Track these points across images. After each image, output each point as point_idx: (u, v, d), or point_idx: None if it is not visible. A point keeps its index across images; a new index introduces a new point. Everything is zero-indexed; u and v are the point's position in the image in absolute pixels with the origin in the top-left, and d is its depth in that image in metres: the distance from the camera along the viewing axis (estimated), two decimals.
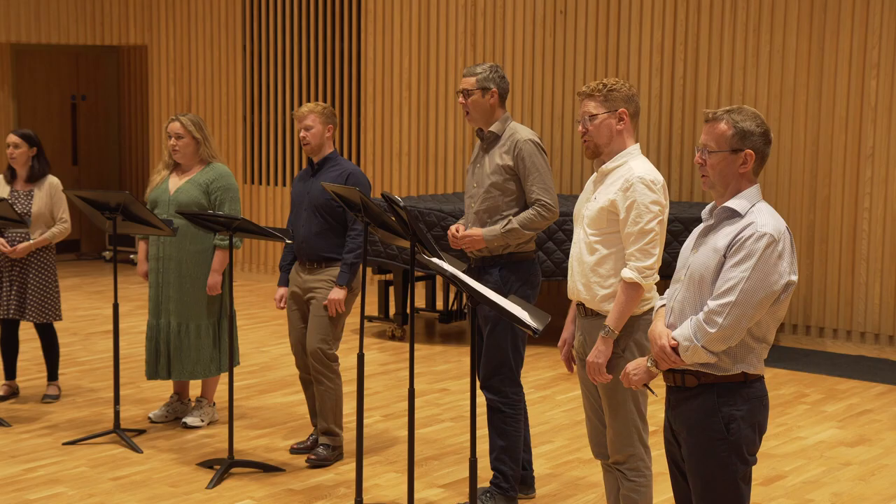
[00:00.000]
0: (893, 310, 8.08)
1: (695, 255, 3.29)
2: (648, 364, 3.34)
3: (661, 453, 5.63)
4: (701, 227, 3.35)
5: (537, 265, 4.93)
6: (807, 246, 8.36)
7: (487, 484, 4.97)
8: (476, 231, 4.78)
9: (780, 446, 5.91)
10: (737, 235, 3.16)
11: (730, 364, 3.21)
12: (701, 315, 3.17)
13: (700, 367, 3.22)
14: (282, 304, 5.67)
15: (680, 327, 3.23)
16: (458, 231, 4.84)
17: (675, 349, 3.22)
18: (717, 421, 3.21)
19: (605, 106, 3.98)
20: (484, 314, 4.81)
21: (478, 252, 4.84)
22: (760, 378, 3.27)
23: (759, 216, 3.18)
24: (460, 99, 4.86)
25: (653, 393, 3.60)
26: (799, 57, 8.31)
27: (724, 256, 3.17)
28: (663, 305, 3.39)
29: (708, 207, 3.34)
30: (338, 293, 5.41)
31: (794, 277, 3.19)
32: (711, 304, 3.15)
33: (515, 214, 4.77)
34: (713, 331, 3.14)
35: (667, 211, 3.94)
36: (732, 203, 3.23)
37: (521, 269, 4.84)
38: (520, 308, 3.39)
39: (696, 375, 3.25)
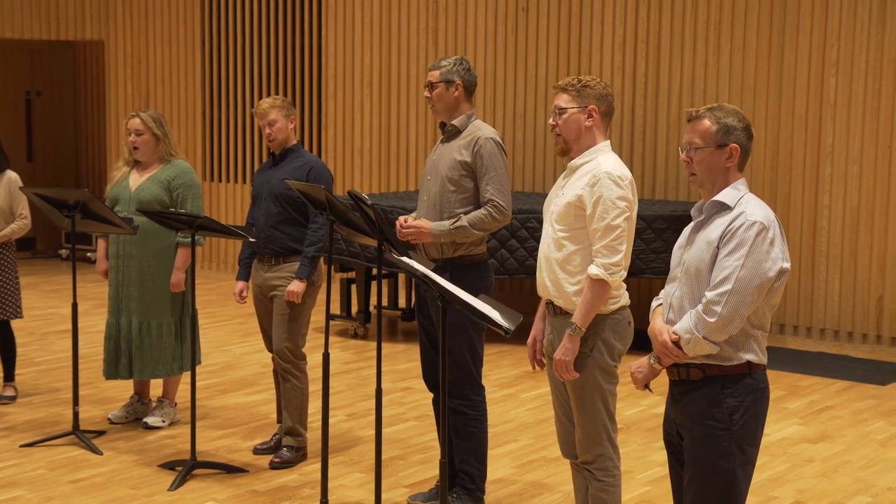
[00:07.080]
0: (853, 306, 8.15)
1: (688, 251, 3.34)
2: (651, 361, 3.36)
3: (630, 451, 5.66)
4: (692, 224, 3.39)
5: (489, 268, 4.83)
6: None
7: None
8: (424, 223, 4.67)
9: None
10: (728, 226, 3.23)
11: (732, 353, 3.26)
12: (700, 306, 3.22)
13: (704, 359, 3.27)
14: (240, 299, 5.61)
15: (680, 321, 3.28)
16: (405, 221, 4.73)
17: (676, 343, 3.26)
18: (720, 411, 3.26)
19: (577, 101, 3.97)
20: (436, 318, 4.69)
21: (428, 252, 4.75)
22: (763, 368, 3.32)
23: (748, 206, 3.26)
24: (426, 92, 4.84)
25: (650, 391, 3.59)
26: (759, 55, 8.36)
27: (717, 248, 3.23)
28: (660, 304, 3.43)
29: (697, 205, 3.38)
30: (297, 286, 5.34)
31: (787, 265, 3.26)
32: (709, 294, 3.20)
33: (467, 213, 4.67)
34: (713, 320, 3.19)
35: (635, 207, 3.93)
36: (721, 196, 3.30)
37: (471, 273, 4.72)
38: (491, 308, 3.37)
39: (701, 368, 3.29)
